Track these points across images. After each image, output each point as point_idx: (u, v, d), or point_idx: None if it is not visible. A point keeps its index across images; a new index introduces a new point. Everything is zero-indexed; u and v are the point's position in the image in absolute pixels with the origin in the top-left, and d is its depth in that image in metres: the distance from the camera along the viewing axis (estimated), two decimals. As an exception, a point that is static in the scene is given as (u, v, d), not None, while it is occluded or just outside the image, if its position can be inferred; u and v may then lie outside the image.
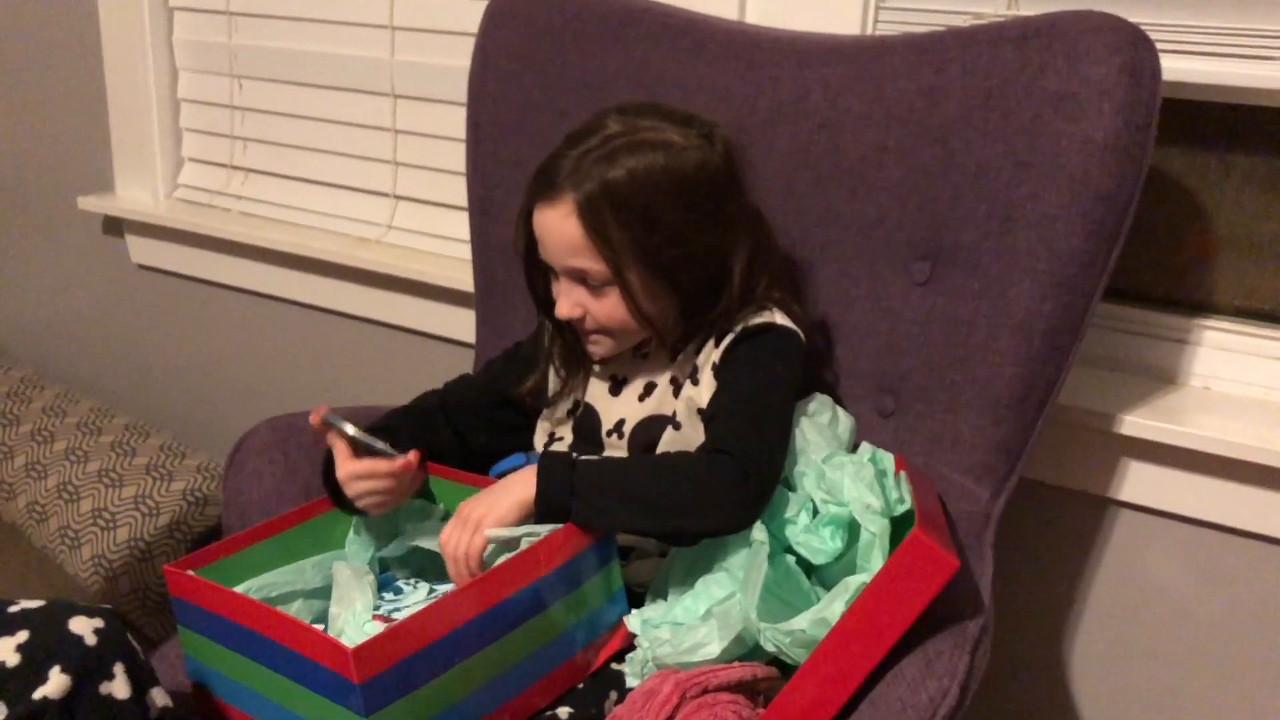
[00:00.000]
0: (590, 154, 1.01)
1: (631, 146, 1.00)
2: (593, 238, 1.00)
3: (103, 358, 2.15)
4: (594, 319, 1.06)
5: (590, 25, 1.29)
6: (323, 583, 1.04)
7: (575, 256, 1.02)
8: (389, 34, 1.65)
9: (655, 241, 1.01)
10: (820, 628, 0.88)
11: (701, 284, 1.05)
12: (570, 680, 0.99)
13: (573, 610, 0.98)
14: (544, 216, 1.03)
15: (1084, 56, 1.02)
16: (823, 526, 0.97)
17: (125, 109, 1.91)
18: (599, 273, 1.02)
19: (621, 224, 0.99)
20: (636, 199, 0.99)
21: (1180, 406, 1.22)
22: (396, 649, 0.84)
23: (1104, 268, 1.04)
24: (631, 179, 0.99)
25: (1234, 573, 1.23)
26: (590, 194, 0.99)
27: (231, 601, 0.92)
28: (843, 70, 1.17)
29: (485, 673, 0.91)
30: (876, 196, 1.15)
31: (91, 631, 0.86)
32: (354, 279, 1.73)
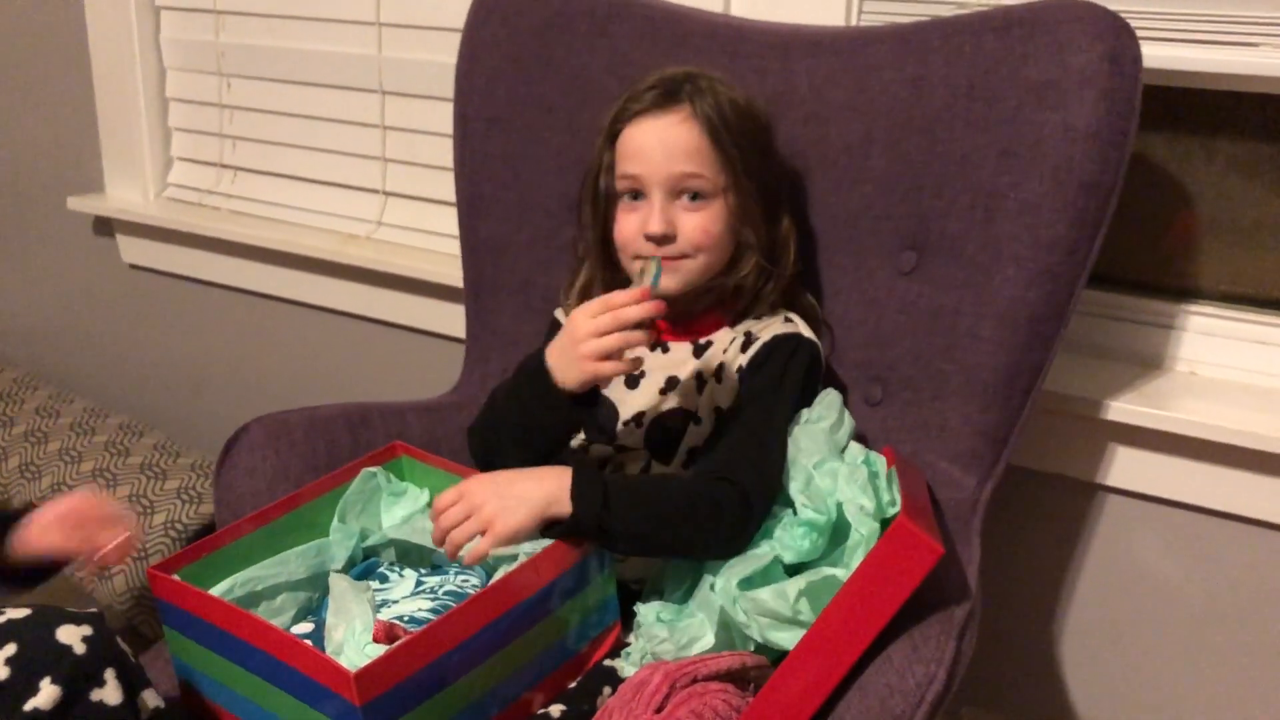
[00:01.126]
0: (692, 77, 1.07)
1: (721, 83, 1.08)
2: (713, 140, 1.05)
3: (95, 358, 2.15)
4: (686, 237, 1.06)
5: (576, 20, 1.29)
6: (307, 573, 1.04)
7: (688, 161, 1.05)
8: (376, 30, 1.65)
9: (755, 160, 1.08)
10: (780, 600, 0.91)
11: (774, 217, 1.11)
12: (567, 679, 1.00)
13: (571, 615, 0.98)
14: (653, 124, 1.06)
15: (1066, 45, 1.02)
16: (797, 526, 0.98)
17: (114, 109, 1.91)
18: (708, 179, 1.06)
19: (733, 137, 1.06)
20: (740, 122, 1.07)
21: (1166, 391, 1.23)
22: (398, 670, 0.84)
23: (1088, 255, 1.04)
24: (733, 105, 1.07)
25: (1220, 555, 1.24)
26: (709, 105, 1.05)
27: (221, 611, 0.92)
28: (827, 61, 1.18)
29: (484, 685, 0.92)
30: (862, 187, 1.15)
31: (80, 640, 0.86)
32: (345, 275, 1.74)
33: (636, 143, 1.07)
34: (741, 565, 0.96)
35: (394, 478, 1.13)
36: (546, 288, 1.30)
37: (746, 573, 0.95)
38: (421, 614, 0.99)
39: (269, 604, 1.02)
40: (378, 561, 1.09)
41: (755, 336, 1.08)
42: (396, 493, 1.11)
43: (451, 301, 1.59)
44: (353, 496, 1.09)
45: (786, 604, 0.92)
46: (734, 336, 1.10)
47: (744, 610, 0.94)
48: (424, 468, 1.12)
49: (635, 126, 1.07)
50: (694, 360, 1.12)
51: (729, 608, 0.95)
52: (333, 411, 1.23)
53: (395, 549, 1.10)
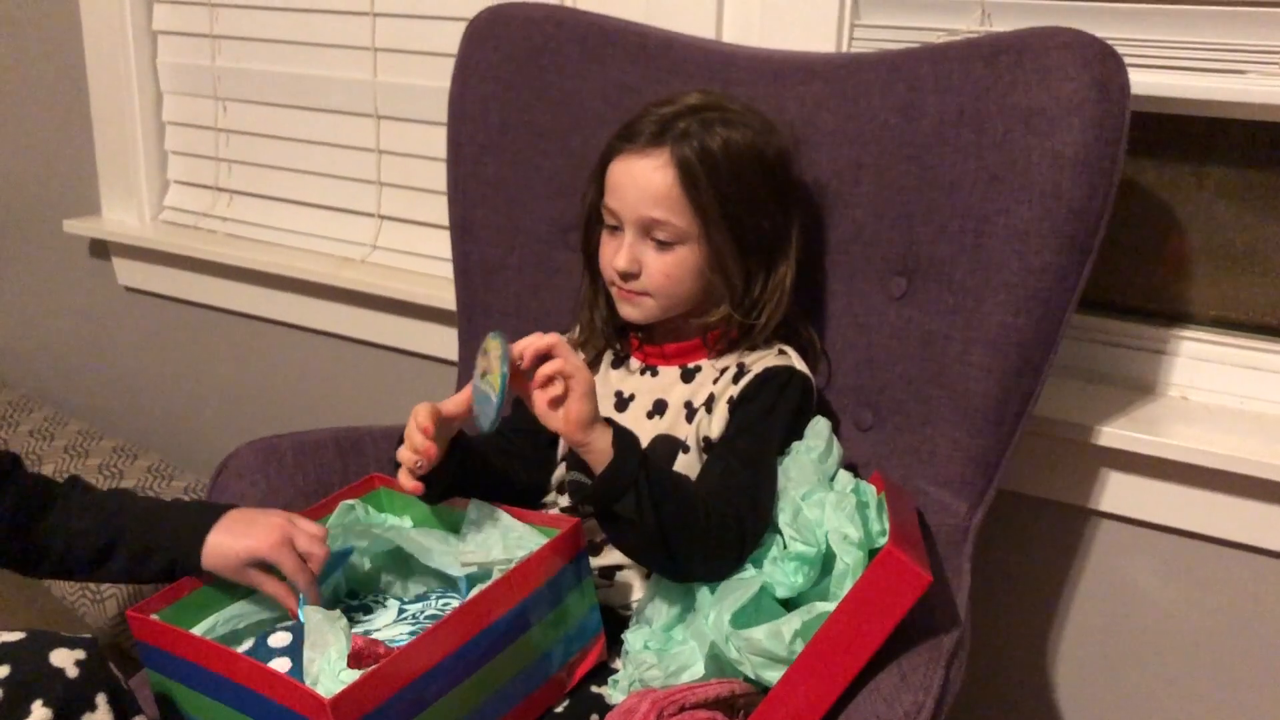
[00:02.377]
0: (684, 116, 1.05)
1: (726, 119, 1.06)
2: (686, 190, 1.03)
3: (91, 380, 2.15)
4: (649, 277, 1.07)
5: (568, 46, 1.30)
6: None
7: (658, 207, 1.04)
8: (371, 55, 1.66)
9: (737, 206, 1.05)
10: (775, 640, 0.89)
11: (761, 261, 1.08)
12: (549, 700, 0.99)
13: (549, 632, 0.97)
14: (633, 164, 1.05)
15: (1053, 72, 1.03)
16: (788, 561, 0.97)
17: (110, 132, 1.92)
18: (676, 228, 1.05)
19: (712, 183, 1.03)
20: (727, 166, 1.04)
21: (1158, 417, 1.23)
22: (373, 694, 0.83)
23: (1077, 281, 1.05)
24: (725, 145, 1.04)
25: (1214, 581, 1.23)
26: (688, 151, 1.03)
27: (200, 648, 0.91)
28: (818, 88, 1.18)
29: (464, 705, 0.91)
30: (852, 212, 1.16)
31: (73, 664, 0.86)
32: (339, 299, 1.74)
33: (616, 179, 1.07)
34: (732, 596, 0.95)
35: (373, 509, 1.12)
36: (538, 311, 1.30)
37: (738, 605, 0.94)
38: (403, 639, 0.98)
39: (252, 640, 1.01)
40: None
41: (747, 368, 1.08)
42: (376, 524, 1.11)
43: (445, 325, 1.60)
44: (333, 529, 1.07)
45: (782, 644, 0.91)
46: (726, 366, 1.10)
47: (737, 648, 0.93)
48: (404, 498, 1.12)
49: (618, 163, 1.07)
50: (682, 385, 1.12)
51: (721, 644, 0.94)
52: (323, 436, 1.23)
53: (381, 579, 1.09)
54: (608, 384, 1.15)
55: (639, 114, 1.08)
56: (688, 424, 1.09)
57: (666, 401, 1.11)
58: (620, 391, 1.14)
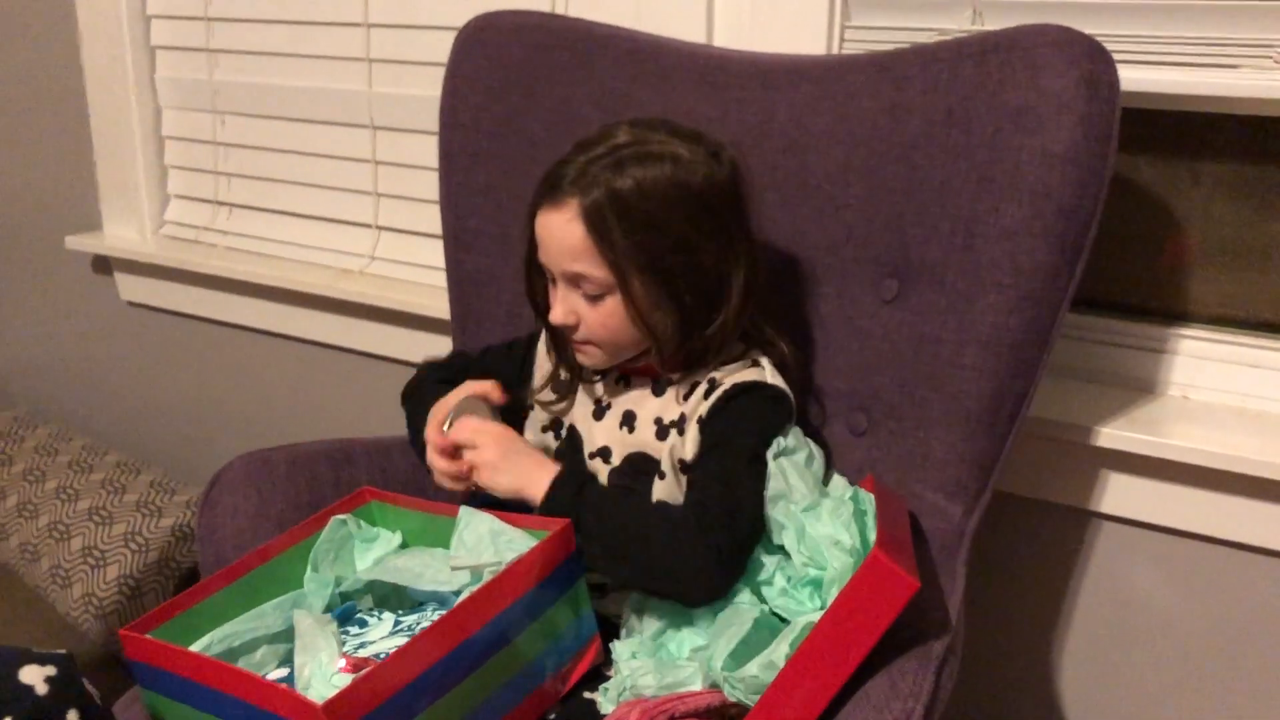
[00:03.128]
0: (598, 161, 1.01)
1: (639, 157, 1.01)
2: (596, 242, 1.00)
3: (94, 395, 2.16)
4: (587, 327, 1.05)
5: (558, 53, 1.29)
6: (284, 625, 1.02)
7: (576, 261, 1.02)
8: (366, 66, 1.66)
9: (658, 249, 1.01)
10: (769, 671, 0.88)
11: (701, 299, 1.04)
12: (544, 704, 0.99)
13: (542, 636, 0.97)
14: (548, 219, 1.03)
15: (1042, 70, 1.02)
16: (800, 587, 0.96)
17: (110, 148, 1.93)
18: (598, 279, 1.02)
19: (625, 230, 0.99)
20: (641, 207, 1.00)
21: (1158, 416, 1.21)
22: (367, 699, 0.83)
23: (1069, 280, 1.03)
24: (638, 188, 0.99)
25: (1215, 582, 1.22)
26: (596, 199, 0.99)
27: (193, 662, 0.91)
28: (807, 90, 1.18)
29: (459, 709, 0.90)
30: (843, 215, 1.15)
31: (43, 680, 0.86)
32: (339, 310, 1.74)
33: (539, 233, 1.05)
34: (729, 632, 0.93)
35: (364, 524, 1.11)
36: (530, 320, 1.29)
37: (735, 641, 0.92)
38: None
39: (249, 658, 1.01)
40: (354, 606, 1.08)
41: (718, 383, 1.06)
42: (368, 539, 1.10)
43: (444, 334, 1.59)
44: (324, 545, 1.07)
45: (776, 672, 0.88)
46: (696, 381, 1.07)
47: (735, 687, 0.92)
48: (395, 510, 1.11)
49: (540, 217, 1.04)
50: (652, 398, 1.10)
51: (722, 684, 0.93)
52: (316, 449, 1.23)
53: (373, 594, 1.08)
54: (589, 389, 1.15)
55: (558, 161, 1.04)
56: (660, 442, 1.08)
57: (635, 414, 1.10)
58: (599, 399, 1.14)
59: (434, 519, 1.09)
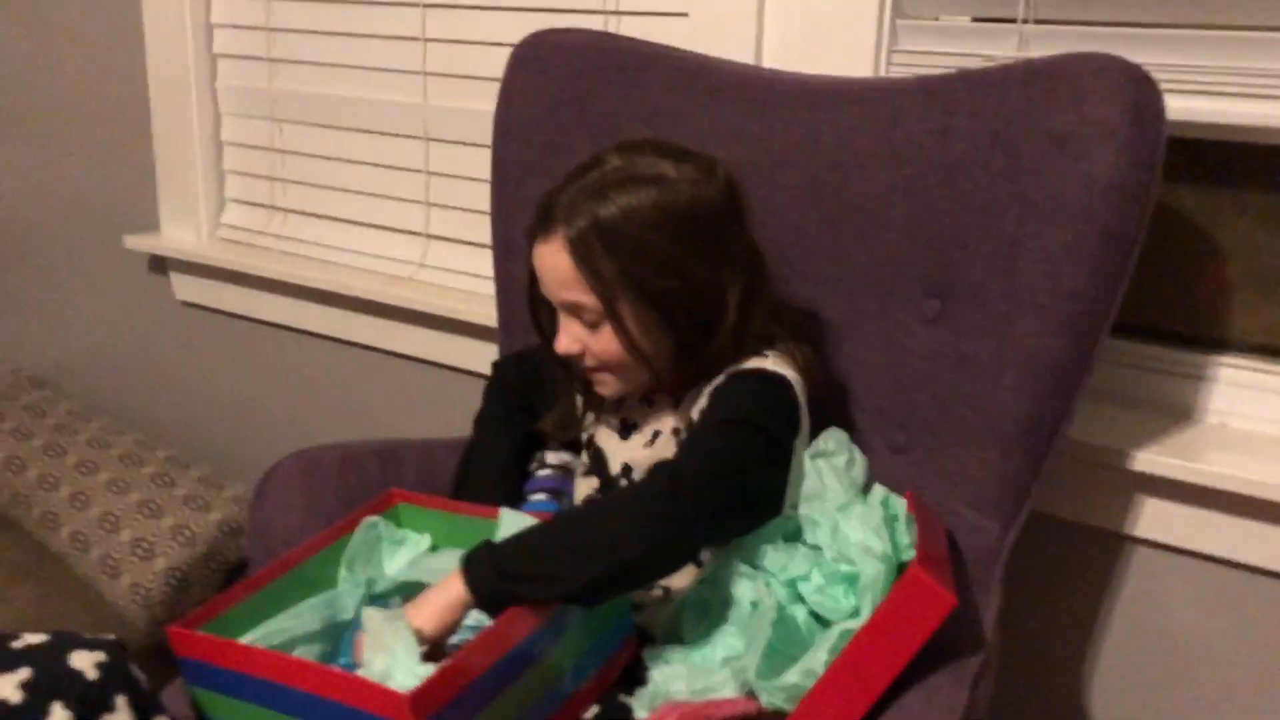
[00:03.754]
0: (584, 189, 1.03)
1: (624, 181, 1.02)
2: (583, 270, 1.01)
3: (147, 391, 2.21)
4: (593, 355, 1.07)
5: (609, 70, 1.32)
6: (320, 625, 1.03)
7: (568, 290, 1.04)
8: (422, 80, 1.70)
9: (646, 273, 1.02)
10: (809, 678, 0.89)
11: (695, 318, 1.05)
12: (594, 695, 1.01)
13: (589, 631, 0.99)
14: (540, 251, 1.05)
15: (1088, 97, 1.03)
16: (835, 584, 0.98)
17: (171, 152, 1.98)
18: (591, 306, 1.03)
19: (612, 257, 1.01)
20: (627, 232, 1.01)
21: (1196, 443, 1.22)
22: (447, 689, 0.85)
23: (1110, 304, 1.05)
24: (622, 213, 1.01)
25: (1253, 612, 1.21)
26: (580, 228, 1.01)
27: (257, 658, 0.92)
28: (854, 111, 1.20)
29: (525, 699, 0.93)
30: (886, 235, 1.16)
31: (93, 665, 0.88)
32: (388, 315, 1.78)
33: (536, 265, 1.07)
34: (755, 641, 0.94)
35: (393, 526, 1.13)
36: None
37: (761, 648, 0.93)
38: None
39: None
40: (386, 605, 1.10)
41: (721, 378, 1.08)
42: (397, 540, 1.12)
43: (490, 341, 1.62)
44: (357, 546, 1.09)
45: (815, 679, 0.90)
46: (712, 383, 1.09)
47: (776, 697, 0.92)
48: (422, 512, 1.13)
49: (535, 249, 1.06)
50: (673, 411, 1.13)
51: (758, 693, 0.94)
52: (365, 448, 1.26)
53: (402, 596, 1.09)
54: (616, 409, 1.17)
55: (549, 191, 1.06)
56: (677, 447, 1.10)
57: (661, 431, 1.13)
58: (625, 418, 1.16)
59: (462, 521, 1.11)
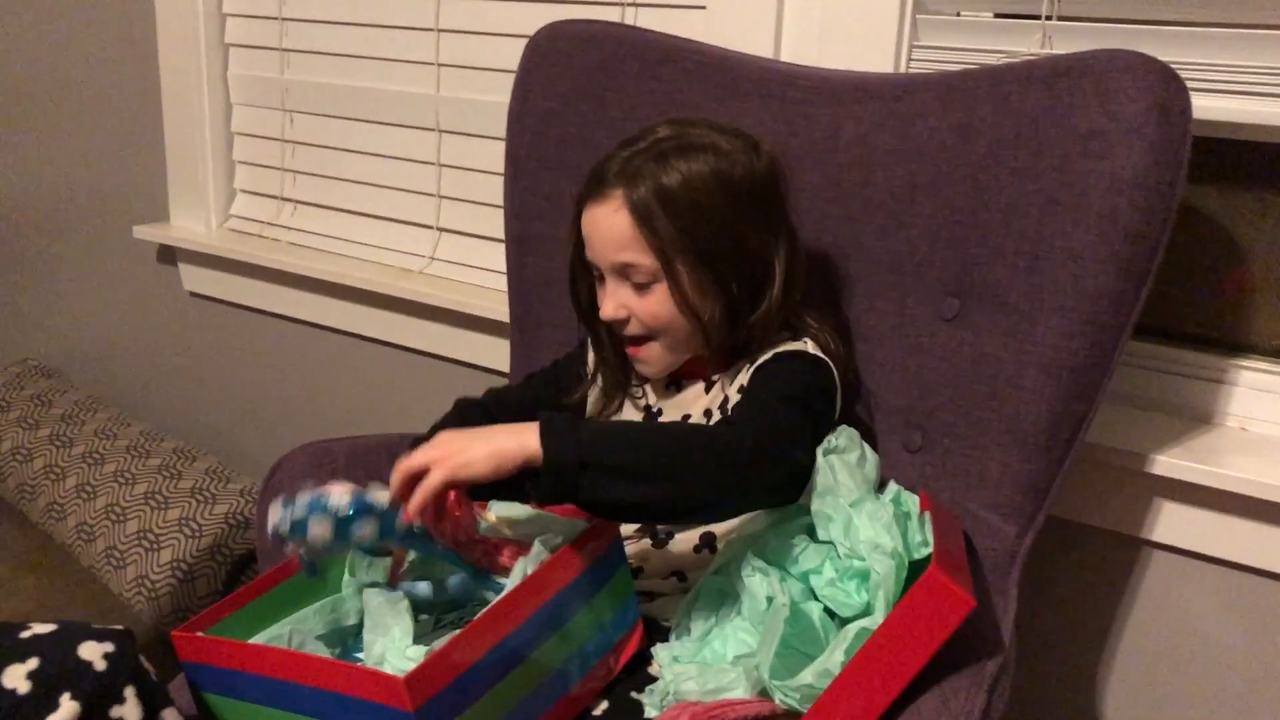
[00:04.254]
0: (641, 154, 1.05)
1: (681, 149, 1.05)
2: (642, 229, 1.03)
3: (154, 382, 2.21)
4: (639, 320, 1.07)
5: (627, 63, 1.31)
6: (325, 629, 1.03)
7: (623, 250, 1.05)
8: (434, 71, 1.69)
9: (702, 235, 1.04)
10: (824, 679, 0.88)
11: (746, 284, 1.07)
12: (599, 684, 1.00)
13: (593, 618, 0.98)
14: (594, 213, 1.06)
15: (1114, 95, 1.02)
16: (848, 579, 0.97)
17: (181, 142, 1.97)
18: (646, 267, 1.04)
19: (670, 217, 1.03)
20: (685, 195, 1.03)
21: (1216, 447, 1.20)
22: (443, 674, 0.84)
23: (1133, 306, 1.03)
24: (682, 177, 1.03)
25: (1273, 617, 1.20)
26: (640, 189, 1.03)
27: (255, 654, 0.91)
28: (875, 108, 1.18)
29: (525, 687, 0.92)
30: (906, 232, 1.15)
31: (101, 656, 0.87)
32: (398, 309, 1.77)
33: (586, 230, 1.08)
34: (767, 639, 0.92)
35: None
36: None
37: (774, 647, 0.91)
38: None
39: None
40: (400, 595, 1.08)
41: (759, 360, 1.08)
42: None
43: (500, 336, 1.61)
44: None
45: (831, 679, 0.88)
46: (741, 367, 1.10)
47: (791, 697, 0.91)
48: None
49: (586, 214, 1.07)
50: (705, 397, 1.12)
51: (771, 692, 0.93)
52: (375, 441, 1.25)
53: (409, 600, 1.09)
54: (638, 399, 1.17)
55: (601, 160, 1.07)
56: None
57: (690, 415, 1.12)
58: (649, 406, 1.16)
59: None
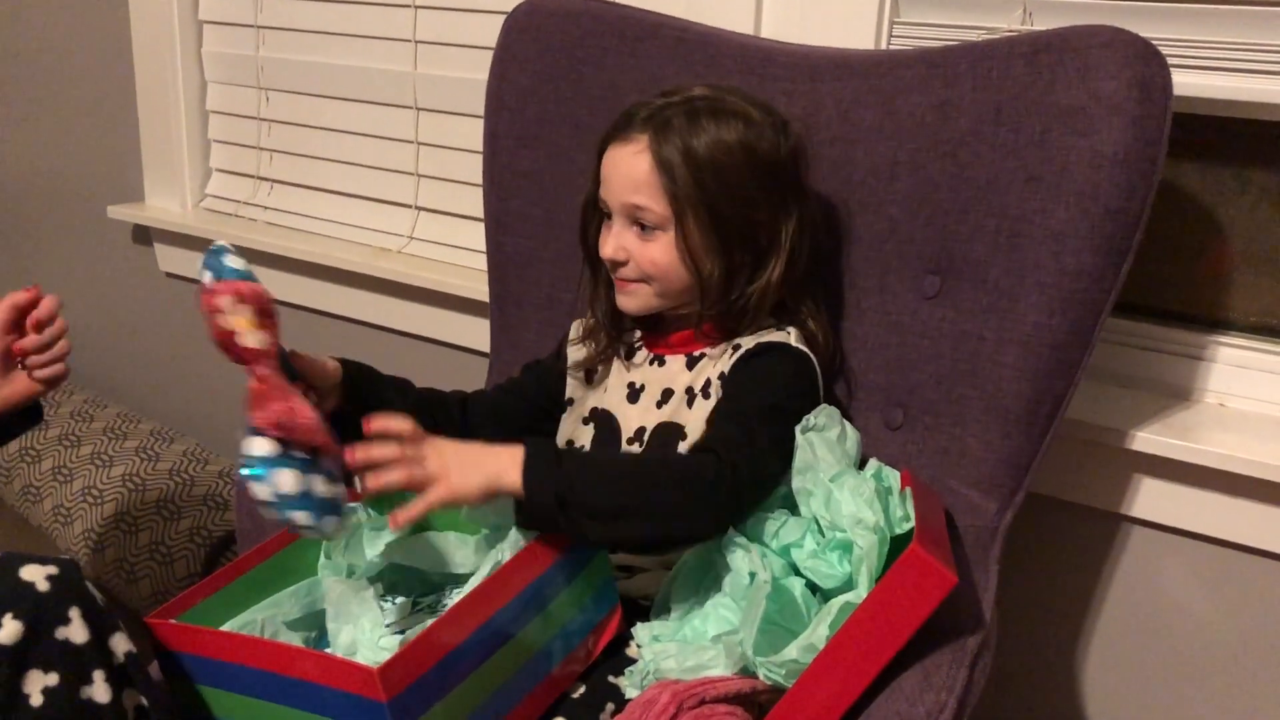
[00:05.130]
0: (674, 106, 1.06)
1: (714, 111, 1.06)
2: (661, 175, 1.04)
3: (130, 364, 2.19)
4: (636, 265, 1.08)
5: (606, 40, 1.30)
6: (301, 613, 1.02)
7: (637, 193, 1.05)
8: (412, 48, 1.67)
9: (718, 195, 1.04)
10: (809, 653, 0.88)
11: (747, 254, 1.07)
12: (579, 666, 1.00)
13: (574, 599, 0.98)
14: (616, 152, 1.07)
15: (1094, 71, 1.01)
16: (830, 551, 0.97)
17: (155, 121, 1.94)
18: (656, 213, 1.05)
19: (691, 170, 1.03)
20: (708, 155, 1.04)
21: (1195, 423, 1.21)
22: (418, 663, 0.83)
23: (1113, 283, 1.03)
24: (708, 138, 1.04)
25: (1250, 591, 1.21)
26: (666, 137, 1.04)
27: (229, 643, 0.90)
28: (855, 84, 1.18)
29: (502, 674, 0.91)
30: (887, 210, 1.15)
31: (44, 578, 0.86)
32: (376, 289, 1.76)
33: (605, 169, 1.09)
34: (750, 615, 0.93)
35: (373, 512, 1.11)
36: (570, 303, 1.31)
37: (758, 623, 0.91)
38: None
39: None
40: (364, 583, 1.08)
41: (741, 346, 1.08)
42: (377, 526, 1.09)
43: (480, 316, 1.60)
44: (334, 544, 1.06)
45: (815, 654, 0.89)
46: (725, 350, 1.10)
47: (776, 673, 0.91)
48: (402, 495, 1.11)
49: (608, 153, 1.08)
50: (686, 373, 1.12)
51: (752, 667, 0.93)
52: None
53: (383, 581, 1.08)
54: (621, 375, 1.16)
55: (632, 104, 1.09)
56: (689, 410, 1.10)
57: (673, 390, 1.12)
58: (632, 382, 1.15)
59: None
